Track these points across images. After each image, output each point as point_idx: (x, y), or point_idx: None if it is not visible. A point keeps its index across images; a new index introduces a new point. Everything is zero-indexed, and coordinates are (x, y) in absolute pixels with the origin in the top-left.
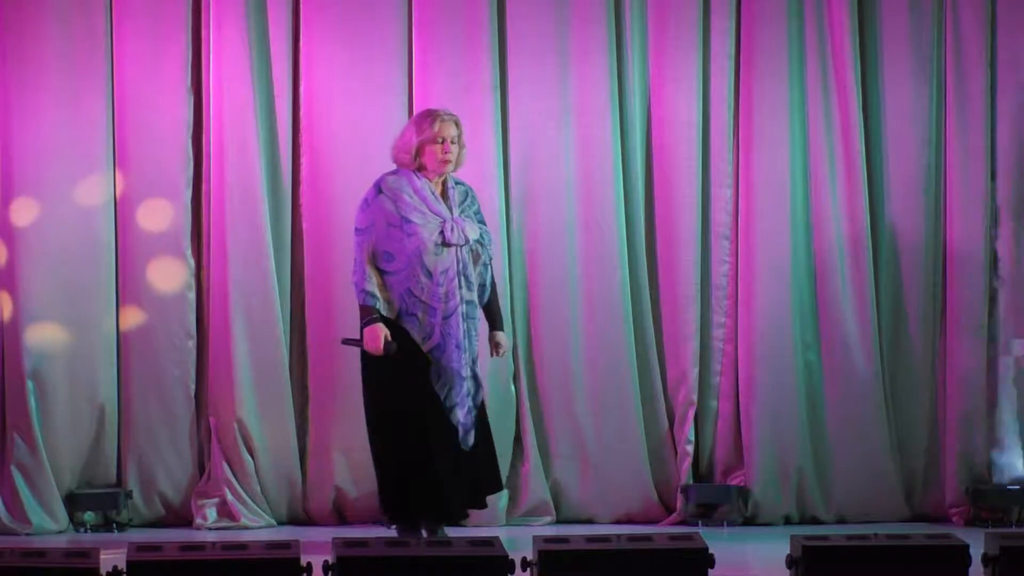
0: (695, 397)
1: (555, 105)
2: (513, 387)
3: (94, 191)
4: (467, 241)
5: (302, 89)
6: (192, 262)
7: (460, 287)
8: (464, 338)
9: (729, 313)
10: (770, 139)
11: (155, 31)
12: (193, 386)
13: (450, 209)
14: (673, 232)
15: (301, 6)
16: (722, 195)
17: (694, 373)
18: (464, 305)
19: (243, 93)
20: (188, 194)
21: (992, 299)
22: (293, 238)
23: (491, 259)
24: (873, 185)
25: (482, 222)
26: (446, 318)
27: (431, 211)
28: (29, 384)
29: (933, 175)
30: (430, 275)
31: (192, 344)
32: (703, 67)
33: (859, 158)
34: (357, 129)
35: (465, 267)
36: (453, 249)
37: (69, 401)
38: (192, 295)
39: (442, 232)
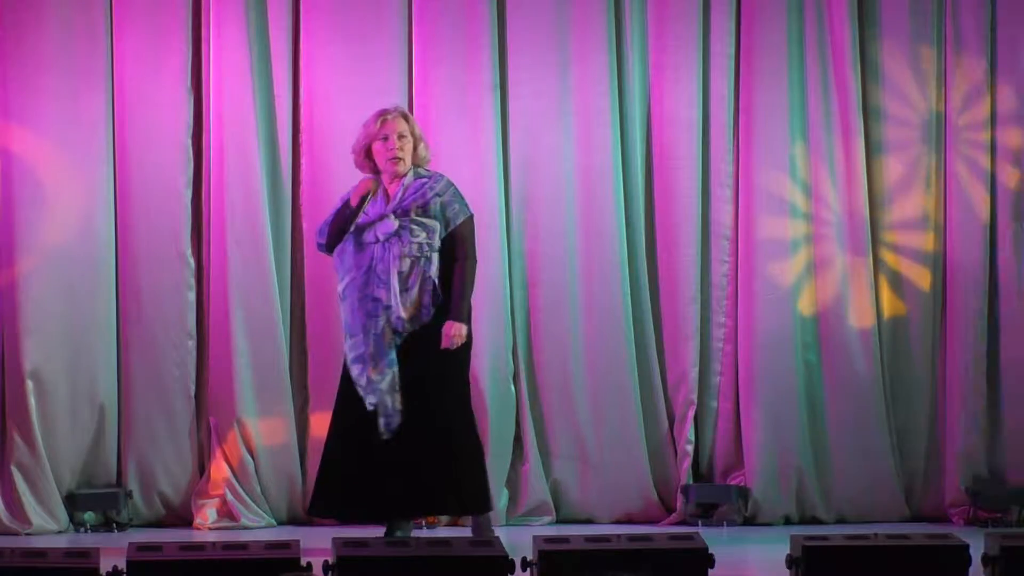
0: (695, 397)
1: (555, 105)
2: (513, 387)
3: (94, 191)
4: (377, 239)
5: (302, 89)
6: (192, 262)
7: (368, 284)
8: (372, 331)
9: (729, 313)
10: (770, 139)
11: (155, 31)
12: (193, 386)
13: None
14: (673, 232)
15: (301, 6)
16: (722, 195)
17: (694, 373)
18: (370, 302)
19: (243, 93)
20: (188, 194)
21: (992, 299)
22: (293, 238)
23: (428, 251)
24: (873, 185)
25: (427, 216)
26: (367, 315)
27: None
28: (29, 384)
29: (933, 175)
30: (354, 278)
31: (192, 344)
32: (703, 67)
33: (859, 158)
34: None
35: (376, 263)
36: (369, 248)
37: (69, 401)
38: (192, 295)
39: (360, 233)
